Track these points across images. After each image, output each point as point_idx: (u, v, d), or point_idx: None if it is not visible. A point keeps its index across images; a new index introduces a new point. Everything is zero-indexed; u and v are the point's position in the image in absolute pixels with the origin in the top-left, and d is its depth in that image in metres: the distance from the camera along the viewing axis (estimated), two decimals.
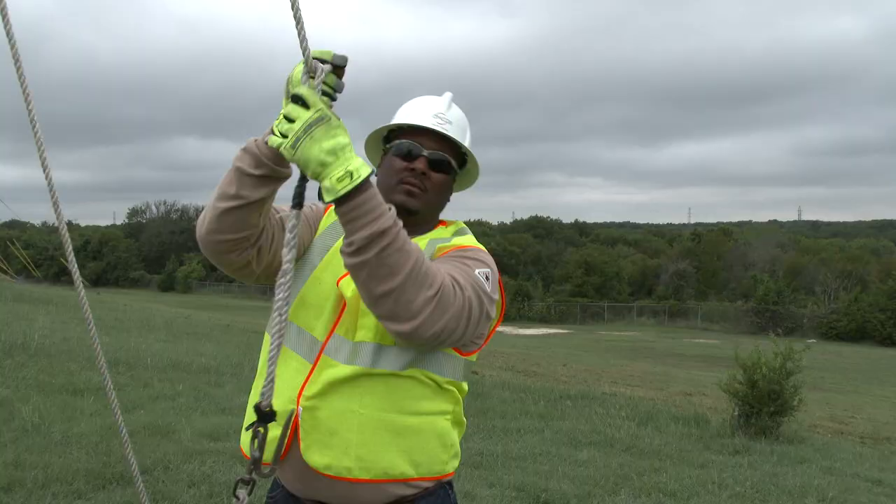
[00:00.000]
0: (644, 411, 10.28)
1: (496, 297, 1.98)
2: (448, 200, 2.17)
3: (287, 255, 1.66)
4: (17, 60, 2.25)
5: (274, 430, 1.98)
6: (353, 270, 1.70)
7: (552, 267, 66.40)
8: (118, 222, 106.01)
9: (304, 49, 1.65)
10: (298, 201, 1.70)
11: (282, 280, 1.66)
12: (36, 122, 2.27)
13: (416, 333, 1.74)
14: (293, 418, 1.94)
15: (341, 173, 1.62)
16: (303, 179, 1.69)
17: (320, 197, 1.66)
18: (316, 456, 1.92)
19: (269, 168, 1.80)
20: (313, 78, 1.66)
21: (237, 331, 19.05)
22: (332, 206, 2.18)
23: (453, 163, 2.11)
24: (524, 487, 5.99)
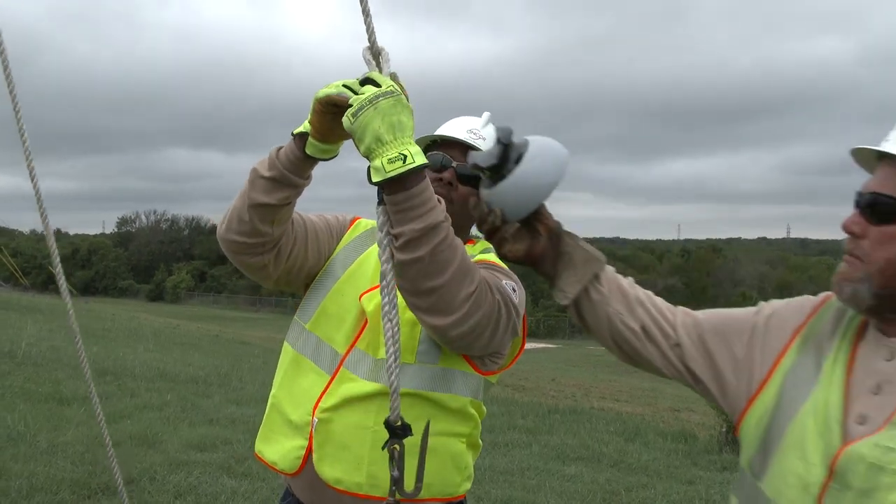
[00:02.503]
0: (632, 427, 10.28)
1: (522, 311, 1.96)
2: (471, 219, 2.09)
3: (383, 254, 1.58)
4: (7, 71, 2.25)
5: (293, 441, 1.98)
6: (402, 267, 1.62)
7: (541, 282, 66.04)
8: (107, 231, 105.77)
9: (371, 37, 1.60)
10: (382, 197, 1.60)
11: (384, 283, 1.58)
12: (24, 132, 2.28)
13: (451, 328, 1.70)
14: (310, 430, 1.94)
15: (394, 154, 1.51)
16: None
17: (369, 178, 1.57)
18: (327, 469, 1.91)
19: (278, 171, 1.79)
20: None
21: (225, 341, 19.02)
22: (359, 219, 2.19)
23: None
24: (511, 502, 5.98)
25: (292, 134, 1.79)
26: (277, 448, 2.02)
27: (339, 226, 2.13)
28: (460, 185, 2.05)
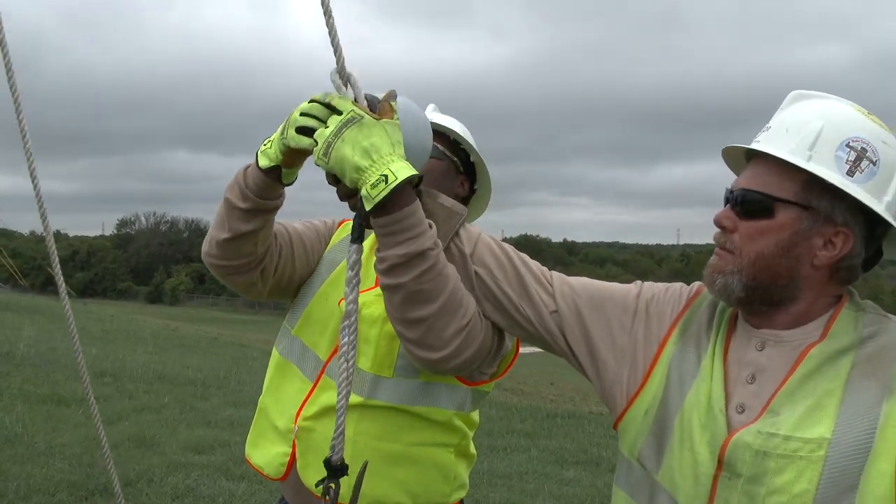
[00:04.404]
0: None
1: None
2: (449, 190, 2.03)
3: (350, 294, 1.53)
4: (9, 73, 2.25)
5: (278, 447, 1.97)
6: (387, 292, 1.59)
7: None
8: (107, 233, 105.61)
9: (338, 58, 1.53)
10: (358, 234, 1.54)
11: (345, 322, 1.53)
12: (26, 132, 2.27)
13: (443, 363, 1.65)
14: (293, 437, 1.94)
15: (375, 178, 1.44)
16: (360, 209, 1.52)
17: (364, 209, 1.51)
18: (311, 477, 1.90)
19: (253, 202, 1.74)
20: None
21: (224, 344, 18.95)
22: (347, 221, 2.14)
23: (445, 150, 2.03)
24: None
25: (259, 167, 1.71)
26: (264, 453, 2.02)
27: (327, 230, 2.11)
28: None
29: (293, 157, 1.66)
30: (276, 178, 1.71)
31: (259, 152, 1.71)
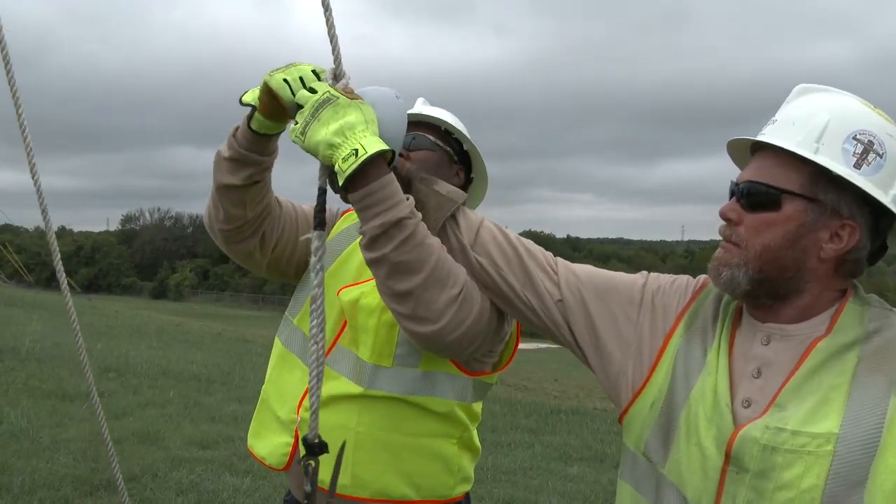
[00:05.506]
0: None
1: None
2: (445, 181, 1.96)
3: (315, 279, 1.54)
4: (8, 67, 2.24)
5: (280, 437, 1.98)
6: (371, 266, 1.61)
7: None
8: (111, 228, 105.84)
9: (336, 55, 1.59)
10: (320, 219, 1.57)
11: (313, 306, 1.55)
12: (26, 127, 2.27)
13: (440, 336, 1.64)
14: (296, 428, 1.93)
15: (347, 152, 1.49)
16: (321, 196, 1.58)
17: (337, 185, 1.55)
18: None
19: (236, 151, 1.78)
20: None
21: (228, 339, 18.97)
22: (351, 210, 2.16)
23: (437, 141, 2.05)
24: (514, 502, 5.97)
25: (241, 102, 1.76)
26: (266, 443, 2.02)
27: (331, 217, 2.11)
28: (409, 153, 2.00)
29: (269, 104, 1.68)
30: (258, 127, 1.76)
31: (248, 91, 1.77)
